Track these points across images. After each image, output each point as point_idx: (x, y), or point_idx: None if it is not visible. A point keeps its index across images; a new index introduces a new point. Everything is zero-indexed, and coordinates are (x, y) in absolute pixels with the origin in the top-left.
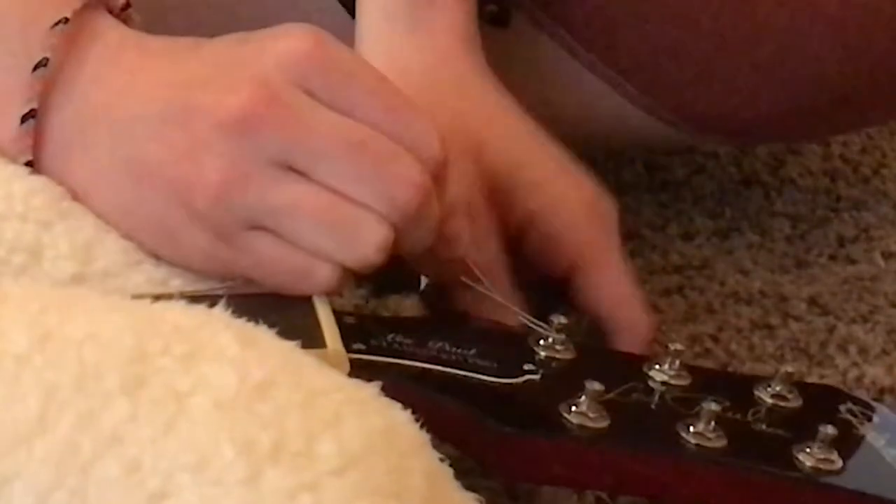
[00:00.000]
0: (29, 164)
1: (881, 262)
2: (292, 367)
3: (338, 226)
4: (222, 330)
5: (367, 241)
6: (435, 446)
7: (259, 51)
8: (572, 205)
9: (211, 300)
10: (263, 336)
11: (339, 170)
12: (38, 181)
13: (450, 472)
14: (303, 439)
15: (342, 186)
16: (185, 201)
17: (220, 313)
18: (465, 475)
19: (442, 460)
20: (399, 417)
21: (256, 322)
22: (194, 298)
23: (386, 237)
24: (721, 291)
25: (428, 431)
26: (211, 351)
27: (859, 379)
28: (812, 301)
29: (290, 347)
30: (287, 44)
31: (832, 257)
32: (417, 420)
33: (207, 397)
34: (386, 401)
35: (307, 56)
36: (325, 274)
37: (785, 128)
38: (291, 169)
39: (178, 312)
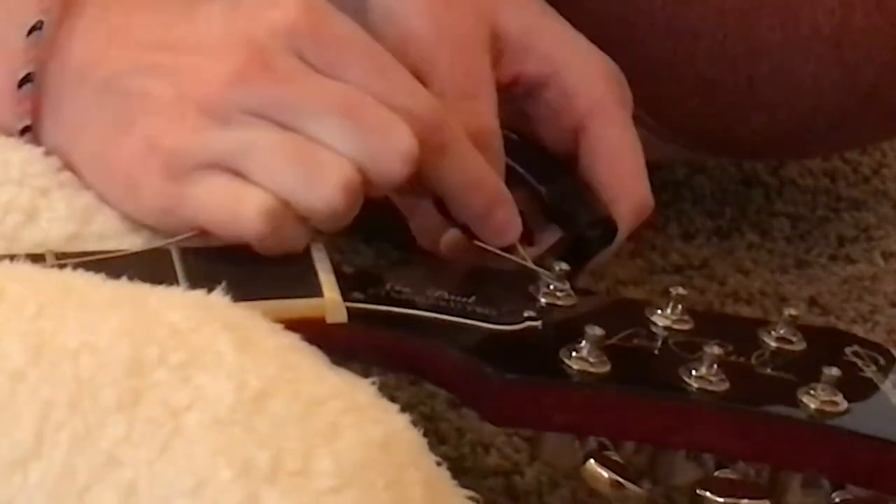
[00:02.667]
0: (27, 129)
1: (881, 262)
2: (290, 372)
3: (301, 163)
4: (220, 331)
5: (329, 181)
6: (432, 447)
7: (251, 18)
8: (588, 62)
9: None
10: (261, 333)
11: (330, 130)
12: (36, 151)
13: (448, 476)
14: (300, 456)
15: (331, 143)
16: (155, 141)
17: (219, 304)
18: (465, 474)
19: (439, 464)
20: (397, 423)
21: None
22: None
23: (352, 178)
24: (721, 291)
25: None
26: (207, 358)
27: None
28: (812, 301)
29: (288, 345)
30: (279, 12)
31: (832, 257)
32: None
33: (204, 413)
34: (384, 404)
35: (299, 23)
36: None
37: (782, 145)
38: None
39: (176, 310)
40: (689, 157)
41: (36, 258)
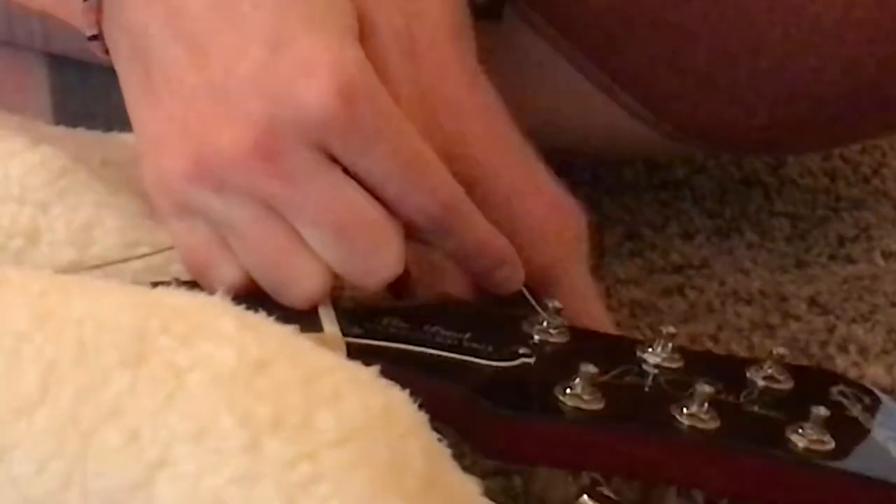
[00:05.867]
0: (94, 37)
1: (881, 262)
2: (291, 347)
3: (276, 267)
4: (221, 313)
5: (297, 292)
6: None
7: (285, 84)
8: (536, 223)
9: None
10: (262, 320)
11: (317, 240)
12: (35, 158)
13: (448, 452)
14: (301, 413)
15: (314, 248)
16: (158, 145)
17: (219, 298)
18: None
19: (440, 440)
20: (398, 398)
21: (254, 305)
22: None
23: (321, 291)
24: (721, 291)
25: (424, 413)
26: (210, 331)
27: (859, 379)
28: (812, 301)
29: (290, 331)
30: (313, 96)
31: (832, 257)
32: (415, 402)
33: (207, 373)
34: (385, 382)
35: (335, 119)
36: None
37: (783, 140)
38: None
39: (177, 296)
40: (688, 153)
41: None
